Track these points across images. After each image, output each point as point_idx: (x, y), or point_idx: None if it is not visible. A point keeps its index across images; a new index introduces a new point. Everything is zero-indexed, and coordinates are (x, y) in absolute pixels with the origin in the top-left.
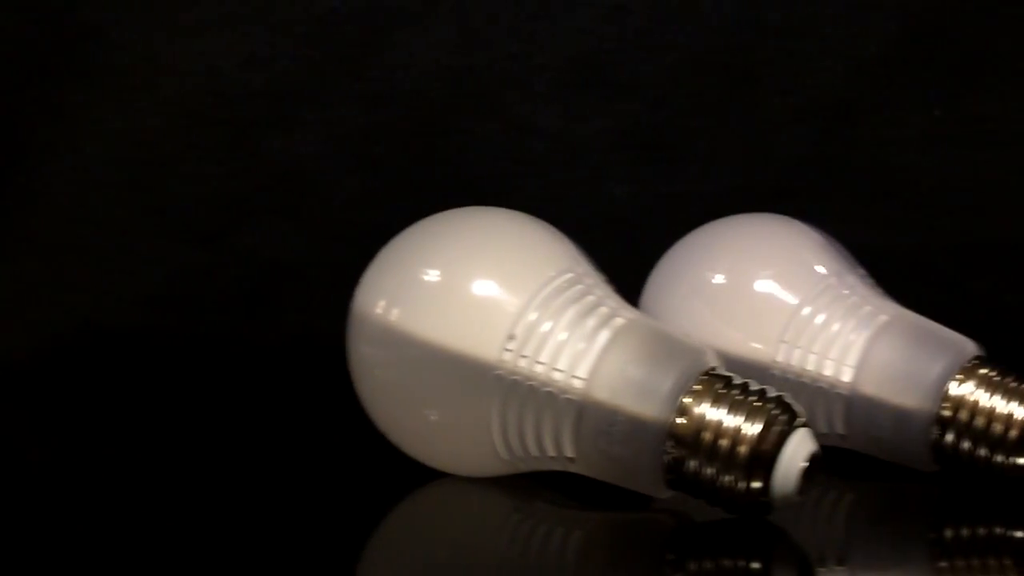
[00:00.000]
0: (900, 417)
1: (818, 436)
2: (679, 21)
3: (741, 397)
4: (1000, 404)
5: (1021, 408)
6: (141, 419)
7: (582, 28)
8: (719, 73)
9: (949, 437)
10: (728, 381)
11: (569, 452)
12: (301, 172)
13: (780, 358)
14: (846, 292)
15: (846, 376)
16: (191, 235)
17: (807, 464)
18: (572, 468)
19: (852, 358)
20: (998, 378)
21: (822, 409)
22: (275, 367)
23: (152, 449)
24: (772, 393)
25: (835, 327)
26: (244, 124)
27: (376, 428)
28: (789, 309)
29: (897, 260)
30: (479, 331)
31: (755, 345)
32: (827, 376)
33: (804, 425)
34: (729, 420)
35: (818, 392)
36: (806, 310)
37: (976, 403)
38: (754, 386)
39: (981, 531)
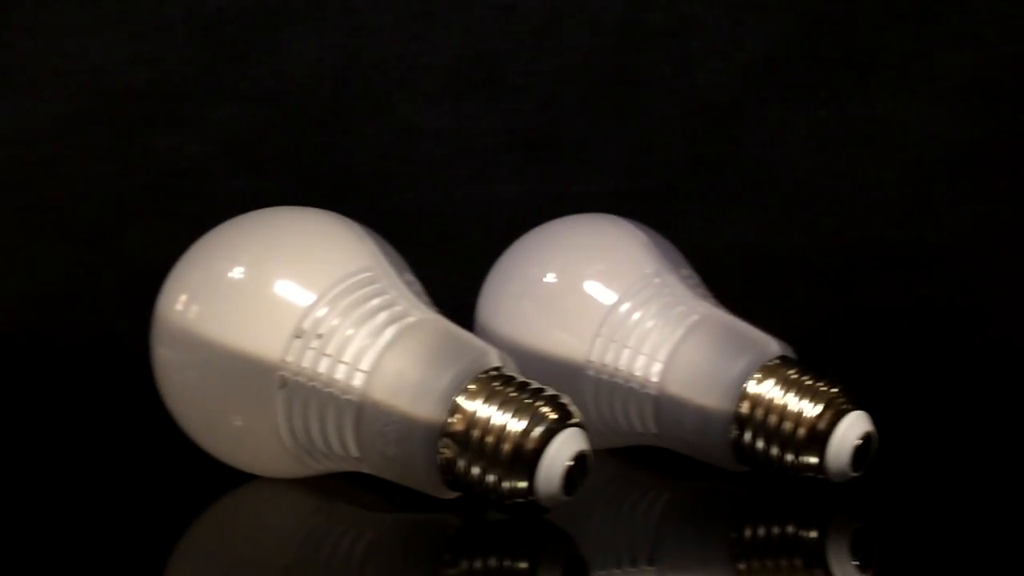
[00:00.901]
0: (702, 416)
1: (635, 436)
2: (567, 22)
3: (515, 395)
4: (793, 402)
5: (812, 406)
6: (22, 420)
7: (471, 28)
8: (607, 74)
9: (747, 436)
10: (508, 380)
11: (355, 452)
12: (187, 172)
13: (595, 356)
14: (665, 291)
15: (655, 376)
16: (76, 235)
17: (572, 463)
18: (363, 468)
19: (662, 356)
20: (796, 376)
21: (635, 409)
22: None
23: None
24: (548, 392)
25: (649, 324)
26: (129, 124)
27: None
28: (607, 307)
29: (783, 260)
30: (264, 330)
31: (572, 343)
32: (638, 376)
33: (577, 425)
34: (498, 418)
35: (630, 392)
36: (623, 307)
37: (771, 401)
38: (533, 385)
39: (776, 531)
